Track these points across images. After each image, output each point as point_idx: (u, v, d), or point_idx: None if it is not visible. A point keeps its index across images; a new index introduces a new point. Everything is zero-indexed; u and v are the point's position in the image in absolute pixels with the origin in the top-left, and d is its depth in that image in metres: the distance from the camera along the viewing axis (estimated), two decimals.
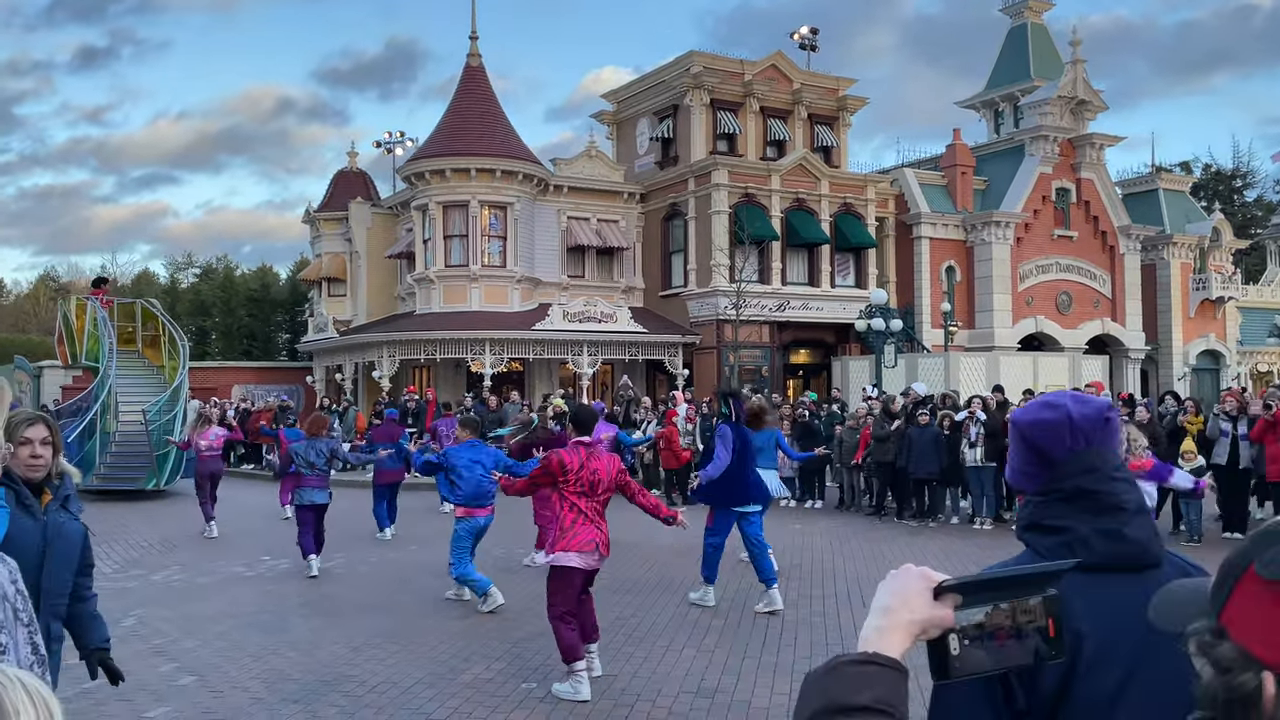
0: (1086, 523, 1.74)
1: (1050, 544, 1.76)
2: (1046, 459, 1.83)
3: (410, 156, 32.80)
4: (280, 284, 55.60)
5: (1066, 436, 1.81)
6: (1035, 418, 1.85)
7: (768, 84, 32.98)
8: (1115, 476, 1.79)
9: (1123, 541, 1.73)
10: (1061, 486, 1.79)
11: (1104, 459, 1.80)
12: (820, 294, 31.59)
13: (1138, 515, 1.76)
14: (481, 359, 28.38)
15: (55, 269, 73.96)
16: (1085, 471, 1.78)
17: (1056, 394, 1.91)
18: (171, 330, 22.84)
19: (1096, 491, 1.76)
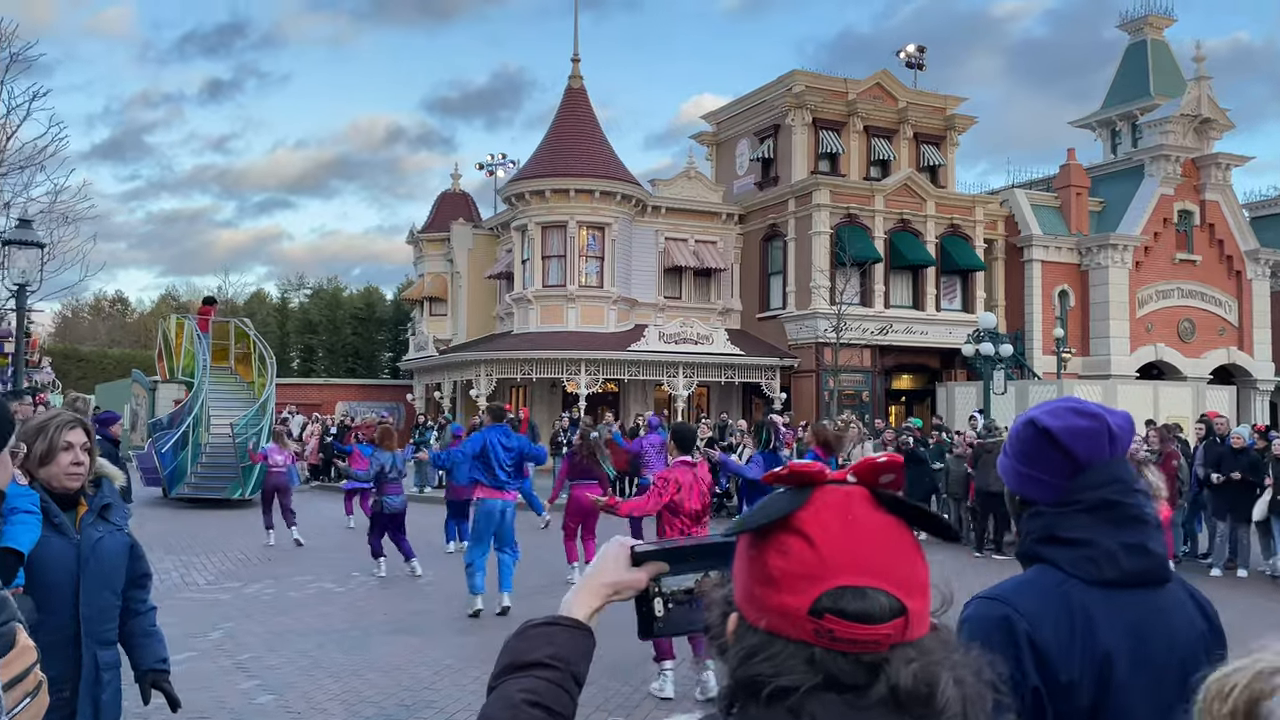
0: (1111, 536, 1.67)
1: (1072, 558, 1.68)
2: (1075, 467, 1.72)
3: (511, 178, 33.09)
4: (385, 304, 56.86)
5: (1106, 445, 1.72)
6: (1072, 424, 1.73)
7: (872, 102, 32.28)
8: (1137, 488, 1.73)
9: (1147, 556, 1.68)
10: (1083, 497, 1.69)
11: (1128, 470, 1.74)
12: (925, 318, 30.62)
13: (1157, 530, 1.72)
14: (577, 379, 28.27)
15: (176, 289, 77.29)
16: (1112, 481, 1.70)
17: (1072, 400, 1.80)
18: (261, 348, 23.58)
19: (1121, 503, 1.68)
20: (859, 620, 0.97)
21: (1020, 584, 1.74)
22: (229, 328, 25.25)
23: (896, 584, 0.99)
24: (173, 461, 19.77)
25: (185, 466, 19.96)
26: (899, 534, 1.02)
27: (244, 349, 24.53)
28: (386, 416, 29.17)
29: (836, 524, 1.00)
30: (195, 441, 20.15)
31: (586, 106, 31.92)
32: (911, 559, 1.01)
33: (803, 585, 0.98)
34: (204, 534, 15.56)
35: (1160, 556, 1.71)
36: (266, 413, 21.16)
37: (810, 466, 1.04)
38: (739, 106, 34.11)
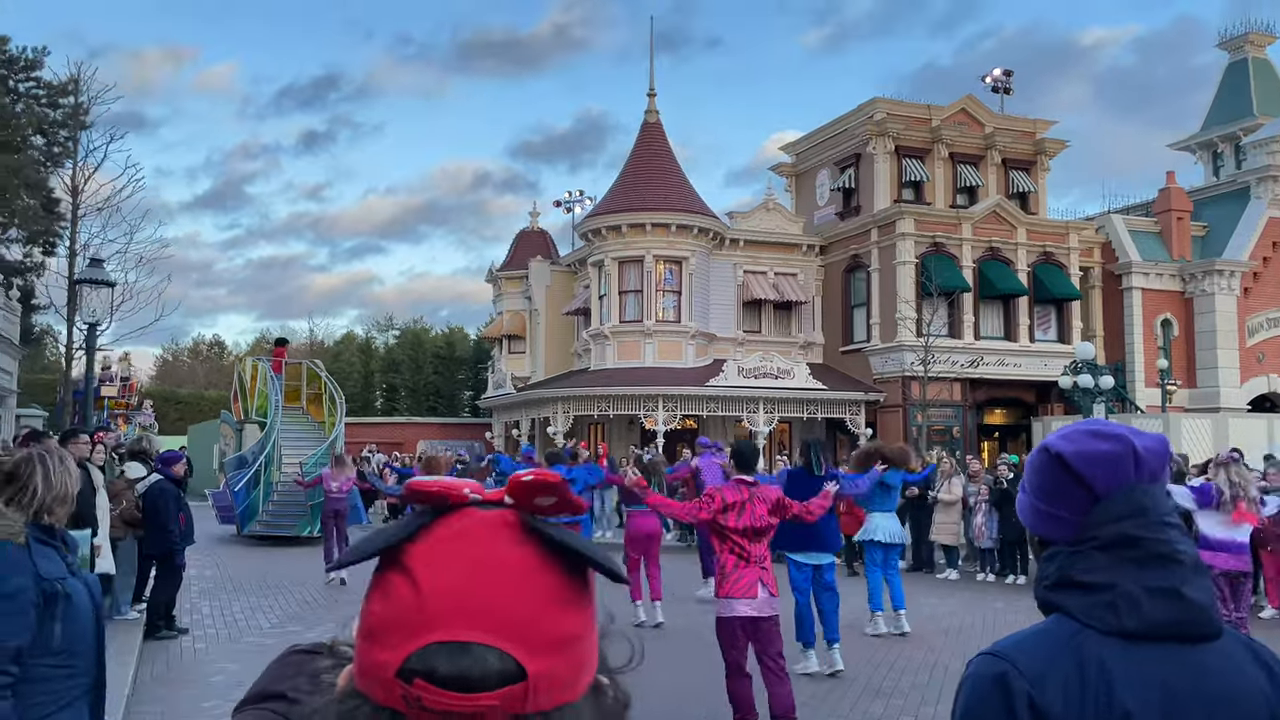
0: (1133, 577, 1.41)
1: (1088, 605, 1.43)
2: (1091, 497, 1.47)
3: (587, 214, 32.96)
4: (467, 343, 57.34)
5: (1130, 470, 1.47)
6: (1088, 448, 1.48)
7: (957, 129, 31.34)
8: (1167, 521, 1.45)
9: (1180, 603, 1.40)
10: (1100, 532, 1.45)
11: (1157, 500, 1.46)
12: (1018, 349, 29.34)
13: (1195, 573, 1.43)
14: (655, 415, 27.73)
15: (270, 332, 79.45)
16: (1134, 513, 1.44)
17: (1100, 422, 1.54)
18: (331, 389, 23.99)
19: (1143, 539, 1.42)
20: (452, 686, 0.75)
21: (1027, 636, 1.51)
22: (301, 369, 25.74)
23: (516, 638, 0.76)
24: (245, 500, 20.16)
25: (257, 505, 20.33)
26: (537, 575, 0.79)
27: (315, 389, 24.96)
28: (464, 454, 29.09)
29: (451, 559, 0.79)
30: (267, 480, 20.46)
31: (662, 141, 31.66)
32: (548, 607, 0.78)
33: (397, 638, 0.78)
34: (274, 572, 15.36)
35: (1199, 605, 1.42)
36: (336, 450, 20.86)
37: (434, 483, 0.81)
38: (818, 137, 33.48)
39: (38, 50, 35.72)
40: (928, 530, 16.23)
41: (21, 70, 35.70)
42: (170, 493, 9.68)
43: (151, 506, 9.65)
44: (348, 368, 58.51)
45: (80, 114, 33.89)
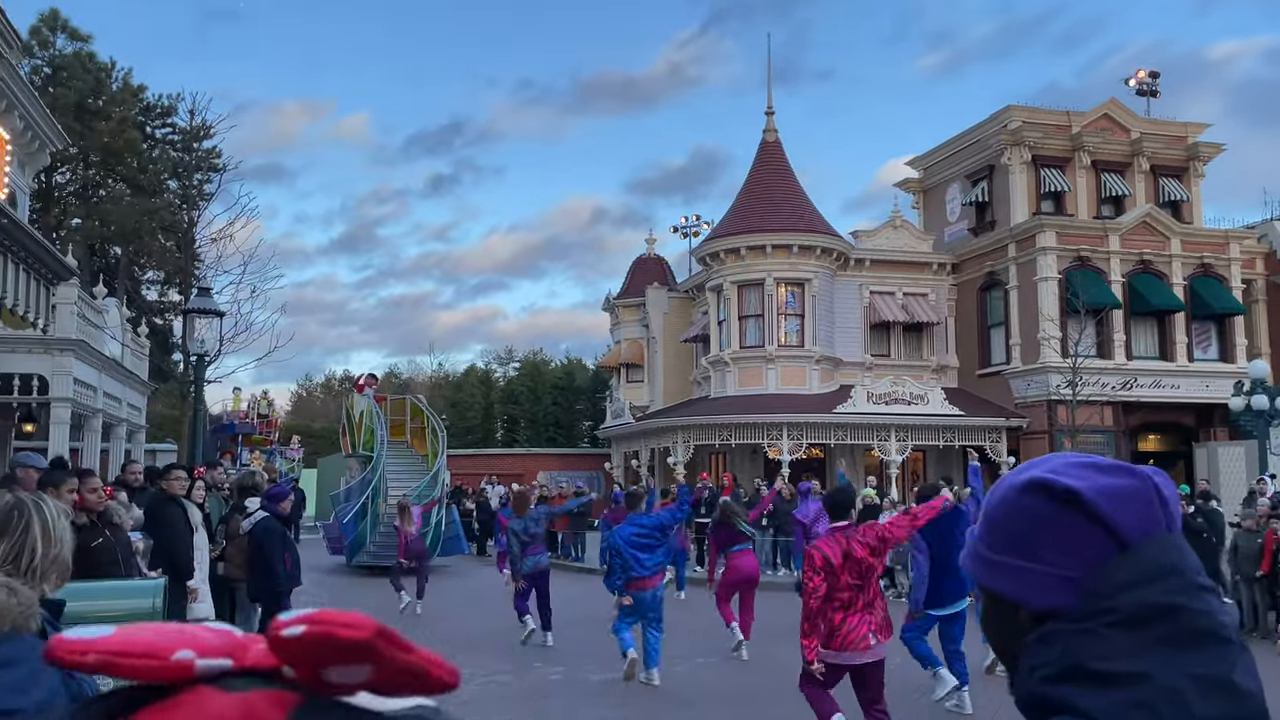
0: (1173, 664, 0.98)
1: (1114, 706, 0.98)
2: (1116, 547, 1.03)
3: (705, 237, 32.12)
4: (585, 373, 57.12)
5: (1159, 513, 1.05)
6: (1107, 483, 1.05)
7: (1100, 135, 29.31)
8: (1204, 584, 1.03)
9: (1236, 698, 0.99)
10: (1119, 601, 1.01)
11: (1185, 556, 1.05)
12: (1175, 369, 27.05)
13: (1245, 652, 1.03)
14: (779, 444, 26.50)
15: (398, 367, 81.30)
16: (1165, 573, 1.02)
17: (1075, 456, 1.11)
18: (434, 422, 24.59)
19: (1184, 609, 1.01)
20: None
21: None
22: (405, 403, 26.52)
23: None
24: (354, 531, 20.63)
25: (365, 536, 20.72)
26: None
27: (419, 424, 25.53)
28: (583, 487, 28.40)
29: None
30: (374, 511, 20.87)
31: (781, 160, 30.61)
32: None
33: None
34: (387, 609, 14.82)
35: (1254, 695, 0.99)
36: (438, 483, 21.88)
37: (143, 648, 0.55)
38: (948, 149, 31.86)
39: (172, 97, 37.20)
40: None
41: (157, 117, 37.22)
42: (276, 531, 9.10)
43: (256, 546, 9.09)
44: (469, 400, 59.02)
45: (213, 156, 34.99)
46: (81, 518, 6.58)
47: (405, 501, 16.75)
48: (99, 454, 16.96)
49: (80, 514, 6.58)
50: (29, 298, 8.42)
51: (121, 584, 5.87)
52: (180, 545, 8.15)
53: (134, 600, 5.47)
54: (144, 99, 37.22)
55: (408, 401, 26.61)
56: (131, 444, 20.61)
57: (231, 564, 10.00)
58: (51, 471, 6.13)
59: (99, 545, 6.65)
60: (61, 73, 34.74)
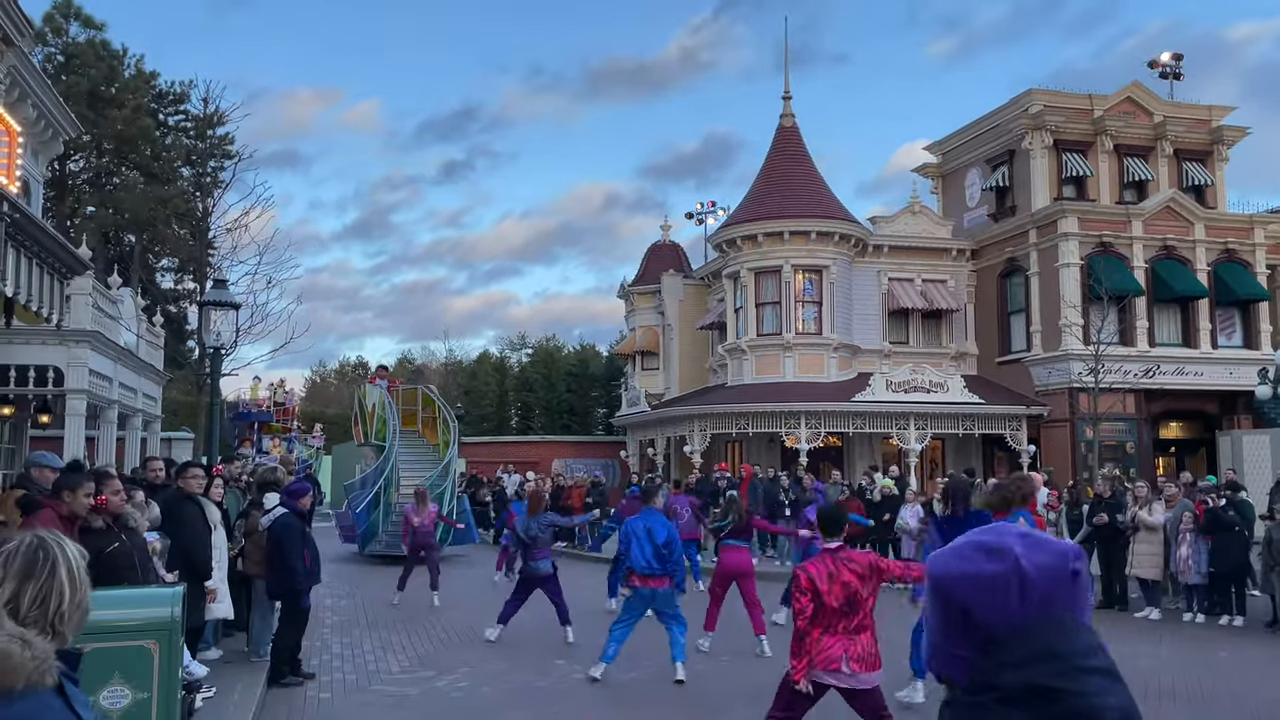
0: None
1: None
2: (980, 633, 1.19)
3: (721, 223, 31.84)
4: (599, 360, 56.92)
5: (1015, 599, 1.20)
6: (962, 569, 1.21)
7: (1122, 119, 28.87)
8: (1085, 666, 1.17)
9: None
10: (1001, 681, 1.16)
11: (1069, 637, 1.19)
12: (1198, 356, 26.70)
13: None
14: (796, 433, 26.28)
15: (411, 353, 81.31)
16: (1041, 657, 1.17)
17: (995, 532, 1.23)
18: (445, 413, 24.57)
19: (1058, 691, 1.15)
20: None
21: None
22: (416, 394, 26.63)
23: None
24: (366, 520, 20.72)
25: (377, 525, 20.78)
26: None
27: (430, 413, 25.57)
28: (599, 475, 28.28)
29: None
30: (386, 501, 20.84)
31: (799, 145, 30.27)
32: None
33: None
34: (407, 602, 14.70)
35: None
36: (450, 473, 21.94)
37: None
38: (967, 134, 31.44)
39: (184, 84, 37.04)
40: (1120, 563, 14.36)
41: (170, 104, 37.08)
42: (295, 528, 8.97)
43: (274, 543, 8.96)
44: (483, 387, 58.95)
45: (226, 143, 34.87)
46: (97, 521, 6.44)
47: (422, 489, 16.67)
48: (114, 444, 16.89)
49: (96, 517, 6.44)
50: (43, 293, 8.28)
51: (139, 593, 5.72)
52: (198, 545, 8.02)
53: (152, 610, 5.32)
54: (156, 86, 37.08)
55: (419, 391, 26.72)
56: (148, 433, 20.56)
57: (250, 561, 9.88)
58: (68, 474, 5.98)
59: (115, 550, 6.51)
60: (75, 60, 34.62)
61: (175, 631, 5.24)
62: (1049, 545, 1.29)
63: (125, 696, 5.09)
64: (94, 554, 6.59)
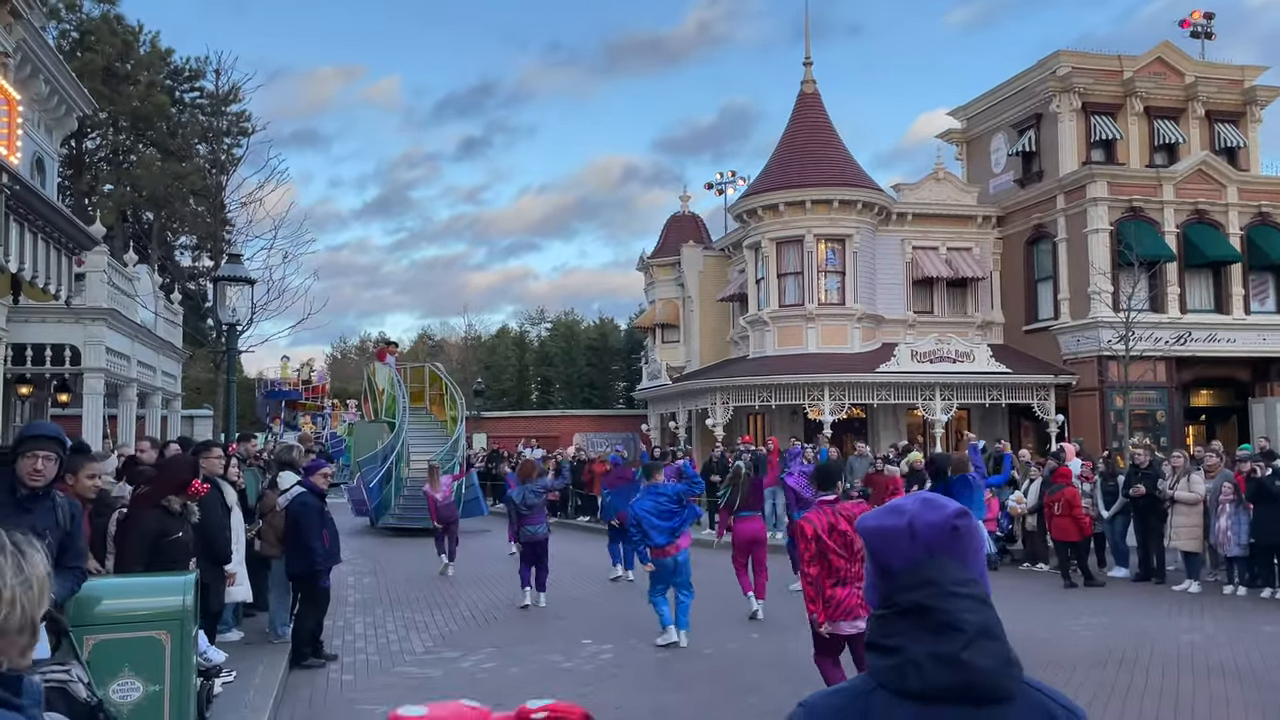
0: (921, 644, 1.55)
1: (885, 666, 1.58)
2: (886, 570, 1.65)
3: (742, 193, 31.37)
4: (619, 334, 56.64)
5: (906, 545, 1.63)
6: (876, 524, 1.69)
7: (1153, 80, 28.13)
8: (955, 591, 1.58)
9: (960, 669, 1.52)
10: (897, 601, 1.61)
11: (944, 571, 1.60)
12: (1231, 322, 26.13)
13: (980, 639, 1.54)
14: (820, 405, 25.94)
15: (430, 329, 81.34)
16: (922, 584, 1.59)
17: (909, 498, 1.72)
18: (452, 390, 25.17)
19: (931, 608, 1.56)
20: None
21: (831, 690, 1.68)
22: (424, 371, 27.31)
23: None
24: (379, 495, 21.46)
25: (390, 499, 21.45)
26: None
27: (437, 390, 26.18)
28: (620, 449, 28.04)
29: None
30: (398, 476, 21.49)
31: (820, 112, 29.71)
32: None
33: None
34: (428, 579, 14.56)
35: (982, 670, 1.52)
36: (458, 449, 22.62)
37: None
38: (992, 98, 30.77)
39: (199, 60, 36.75)
40: (1158, 535, 14.01)
41: (186, 80, 36.83)
42: (313, 507, 8.76)
43: (292, 523, 8.75)
44: (503, 362, 58.85)
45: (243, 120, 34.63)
46: (176, 504, 6.30)
47: (434, 464, 17.21)
48: (134, 422, 16.78)
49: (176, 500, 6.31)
50: (49, 269, 8.06)
51: (149, 581, 5.50)
52: (217, 529, 7.82)
53: (163, 598, 5.10)
54: (172, 63, 36.82)
55: (426, 369, 27.30)
56: (168, 411, 20.47)
57: (267, 542, 9.70)
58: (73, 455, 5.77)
59: (178, 540, 6.29)
60: (90, 36, 34.37)
61: (187, 620, 5.02)
62: (940, 508, 1.65)
63: (136, 689, 4.88)
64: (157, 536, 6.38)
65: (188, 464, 6.28)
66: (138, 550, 5.81)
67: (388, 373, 25.34)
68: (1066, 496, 13.87)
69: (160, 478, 6.34)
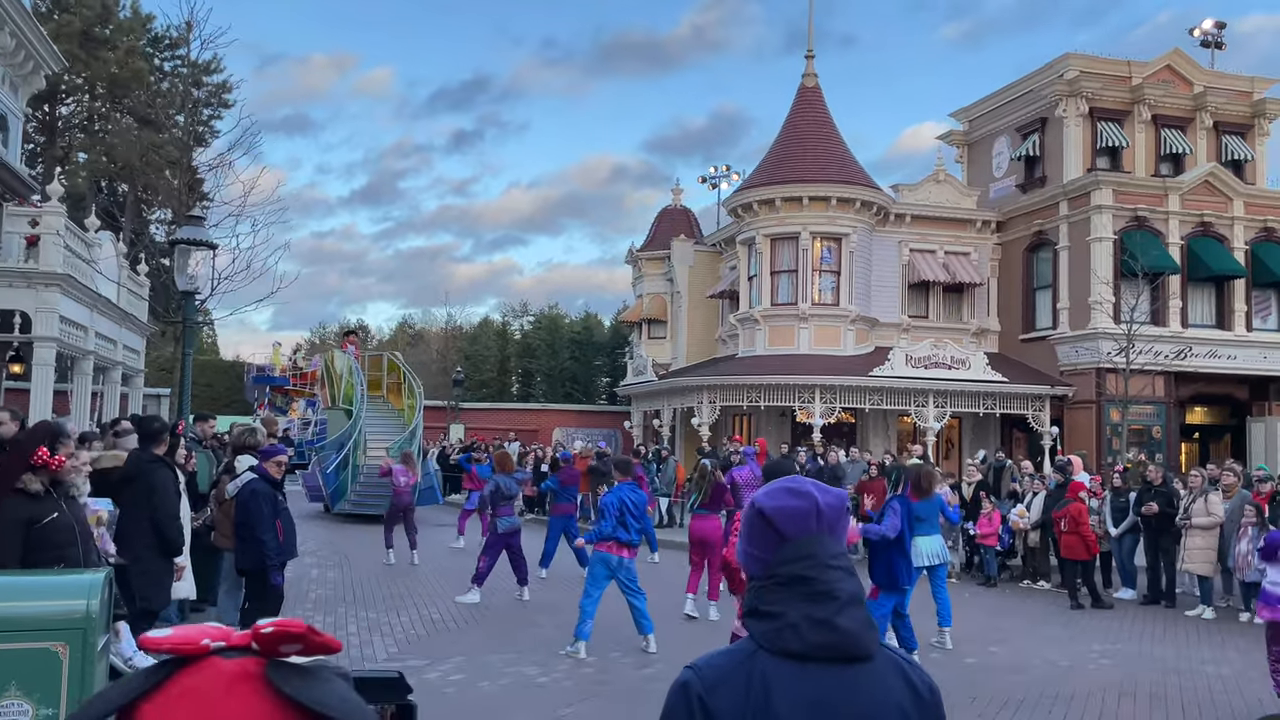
0: (799, 609, 1.72)
1: (767, 630, 1.74)
2: (779, 545, 1.80)
3: (737, 187, 30.56)
4: (603, 329, 55.76)
5: (812, 524, 1.79)
6: (782, 503, 1.82)
7: (1161, 87, 27.50)
8: (831, 564, 1.77)
9: (833, 631, 1.70)
10: (779, 572, 1.76)
11: (824, 546, 1.78)
12: (1232, 339, 25.54)
13: (850, 605, 1.74)
14: (810, 408, 25.16)
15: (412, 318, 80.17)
16: (804, 557, 1.76)
17: (797, 480, 1.88)
18: (411, 379, 25.24)
19: (811, 578, 1.74)
20: None
21: (719, 652, 1.82)
22: (382, 360, 27.32)
23: None
24: (335, 481, 21.64)
25: (346, 485, 21.65)
26: None
27: (395, 379, 26.25)
28: (604, 447, 27.18)
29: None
30: (354, 463, 21.59)
31: (821, 107, 28.93)
32: None
33: None
34: (393, 580, 13.67)
35: (850, 632, 1.71)
36: (415, 437, 22.60)
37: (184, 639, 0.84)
38: (997, 100, 30.08)
39: (180, 28, 35.55)
40: (1171, 556, 13.29)
41: (166, 49, 35.65)
42: (265, 495, 7.86)
43: (241, 512, 7.86)
44: (484, 352, 57.81)
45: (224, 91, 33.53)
46: (35, 485, 5.32)
47: (409, 453, 16.99)
48: (89, 398, 15.78)
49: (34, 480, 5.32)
50: None
51: (45, 580, 4.60)
52: (170, 518, 6.93)
53: (61, 602, 4.20)
54: (152, 30, 35.63)
55: (384, 358, 27.25)
56: (129, 388, 19.46)
57: (220, 533, 8.79)
58: None
59: (54, 521, 5.38)
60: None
61: (91, 630, 4.13)
62: (831, 491, 1.86)
63: (25, 713, 3.99)
64: (26, 524, 5.53)
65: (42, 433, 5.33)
66: (5, 544, 4.91)
67: (346, 360, 25.45)
68: (1072, 513, 13.12)
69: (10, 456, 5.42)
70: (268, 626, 0.78)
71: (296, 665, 0.79)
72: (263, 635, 0.80)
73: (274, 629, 0.79)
